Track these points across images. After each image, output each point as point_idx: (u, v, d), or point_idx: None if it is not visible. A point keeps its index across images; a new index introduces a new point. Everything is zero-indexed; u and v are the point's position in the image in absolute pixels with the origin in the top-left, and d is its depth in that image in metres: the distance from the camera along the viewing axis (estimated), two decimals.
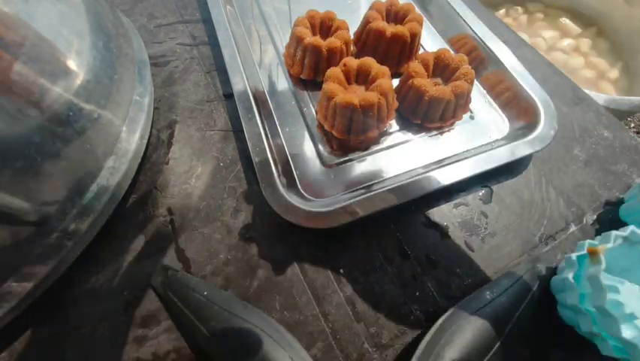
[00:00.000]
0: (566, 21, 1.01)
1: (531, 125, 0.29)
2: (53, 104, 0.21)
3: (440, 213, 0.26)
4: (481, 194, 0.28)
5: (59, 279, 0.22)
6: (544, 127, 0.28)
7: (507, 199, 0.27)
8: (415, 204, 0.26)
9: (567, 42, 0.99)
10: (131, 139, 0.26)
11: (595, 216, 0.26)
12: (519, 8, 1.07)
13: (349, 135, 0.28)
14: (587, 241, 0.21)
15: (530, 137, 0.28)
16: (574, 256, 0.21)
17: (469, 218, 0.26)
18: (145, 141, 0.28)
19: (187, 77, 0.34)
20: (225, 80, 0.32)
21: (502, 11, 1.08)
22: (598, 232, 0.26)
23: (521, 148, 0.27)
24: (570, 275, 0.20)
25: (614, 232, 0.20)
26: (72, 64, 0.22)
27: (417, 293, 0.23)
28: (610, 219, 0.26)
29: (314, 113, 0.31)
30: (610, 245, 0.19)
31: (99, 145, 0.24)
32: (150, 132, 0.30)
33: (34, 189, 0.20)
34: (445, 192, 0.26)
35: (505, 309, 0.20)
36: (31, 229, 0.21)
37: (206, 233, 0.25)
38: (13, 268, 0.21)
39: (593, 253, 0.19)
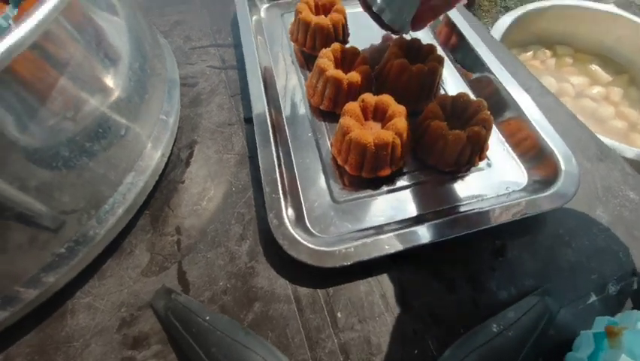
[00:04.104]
0: (596, 68, 0.99)
1: (550, 179, 0.28)
2: (85, 120, 0.22)
3: (448, 265, 0.25)
4: (492, 247, 0.27)
5: (63, 288, 0.23)
6: (564, 183, 0.27)
7: (520, 256, 0.26)
8: (422, 251, 0.25)
9: (597, 90, 0.97)
10: (153, 156, 0.27)
11: (618, 287, 0.25)
12: (547, 51, 1.06)
13: (361, 172, 0.28)
14: (607, 318, 0.19)
15: (549, 192, 0.27)
16: (591, 333, 0.19)
17: (478, 272, 0.25)
18: (165, 159, 0.29)
19: (212, 99, 0.35)
20: (248, 105, 0.34)
21: (529, 53, 1.07)
22: (620, 306, 0.24)
23: (539, 203, 0.26)
24: (586, 355, 0.19)
25: (636, 313, 0.18)
26: (108, 83, 0.24)
27: (415, 351, 0.21)
28: (635, 292, 0.25)
29: (329, 145, 0.31)
30: (632, 328, 0.17)
31: (122, 161, 0.25)
32: (171, 150, 0.31)
33: (56, 199, 0.21)
34: (455, 242, 0.25)
35: (513, 344, 0.20)
36: (46, 235, 0.22)
37: (210, 257, 0.25)
38: (24, 273, 0.21)
39: (612, 334, 0.17)
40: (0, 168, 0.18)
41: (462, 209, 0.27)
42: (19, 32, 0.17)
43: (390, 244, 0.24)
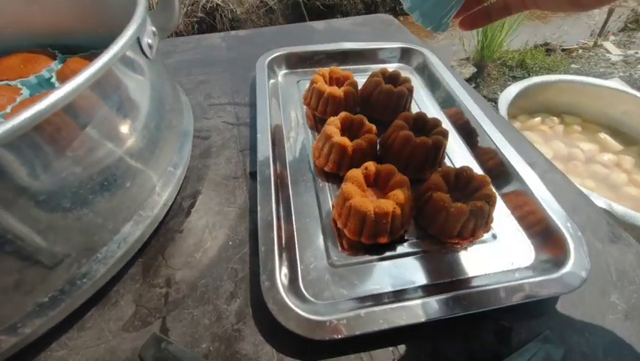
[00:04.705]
0: (605, 137, 1.00)
1: (559, 259, 0.27)
2: (92, 172, 0.22)
3: (447, 343, 0.23)
4: (496, 327, 0.24)
5: (39, 338, 0.22)
6: (574, 265, 0.26)
7: (528, 342, 0.24)
8: (419, 329, 0.23)
9: (607, 157, 0.96)
10: (155, 206, 0.28)
11: None
12: (555, 118, 1.09)
13: (360, 237, 0.27)
14: None
15: (558, 274, 0.25)
16: None
17: (480, 354, 0.23)
18: (167, 209, 0.29)
19: (222, 152, 0.37)
20: (255, 160, 0.35)
21: (537, 119, 1.10)
22: None
23: (548, 286, 0.25)
24: None
25: None
26: (121, 139, 0.24)
27: None
28: None
29: (331, 206, 0.31)
30: None
31: (122, 211, 0.25)
32: (174, 199, 0.31)
33: (50, 242, 0.21)
34: (455, 321, 0.23)
35: None
36: (36, 277, 0.21)
37: (196, 315, 0.24)
38: (4, 320, 0.21)
39: None
40: (7, 206, 0.18)
41: (465, 285, 0.26)
42: (53, 97, 0.18)
43: (385, 318, 0.22)
